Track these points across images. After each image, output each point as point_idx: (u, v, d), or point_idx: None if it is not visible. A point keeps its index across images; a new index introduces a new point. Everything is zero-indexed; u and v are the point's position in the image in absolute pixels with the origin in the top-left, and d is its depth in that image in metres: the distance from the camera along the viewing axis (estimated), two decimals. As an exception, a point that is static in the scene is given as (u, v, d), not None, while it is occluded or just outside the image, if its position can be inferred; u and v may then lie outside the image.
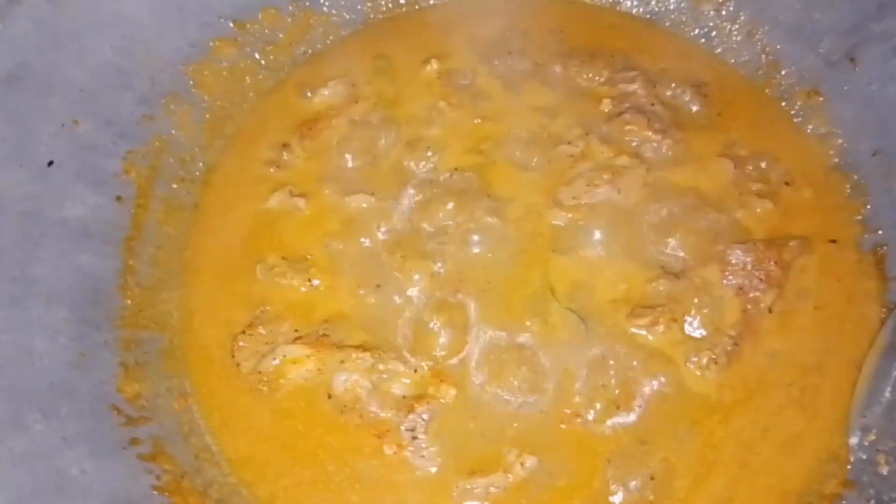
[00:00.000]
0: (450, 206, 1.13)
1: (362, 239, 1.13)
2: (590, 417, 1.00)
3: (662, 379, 1.02)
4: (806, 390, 1.02)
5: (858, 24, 1.17)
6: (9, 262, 0.97)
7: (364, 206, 1.16)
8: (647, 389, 1.01)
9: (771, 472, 0.97)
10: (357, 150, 1.21)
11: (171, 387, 1.04)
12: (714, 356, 1.03)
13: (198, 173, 1.21)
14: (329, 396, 1.03)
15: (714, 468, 0.97)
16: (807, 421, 1.00)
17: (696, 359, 1.03)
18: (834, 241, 1.13)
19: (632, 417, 1.00)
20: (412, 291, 1.08)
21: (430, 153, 1.19)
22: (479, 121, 1.20)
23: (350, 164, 1.20)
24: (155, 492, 0.92)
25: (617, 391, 1.01)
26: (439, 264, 1.09)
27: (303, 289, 1.10)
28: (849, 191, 1.17)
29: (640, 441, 0.99)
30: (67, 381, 0.95)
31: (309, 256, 1.12)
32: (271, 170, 1.21)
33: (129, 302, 1.07)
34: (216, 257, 1.16)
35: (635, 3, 1.34)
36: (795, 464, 0.97)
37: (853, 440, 0.98)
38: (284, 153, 1.22)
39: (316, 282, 1.10)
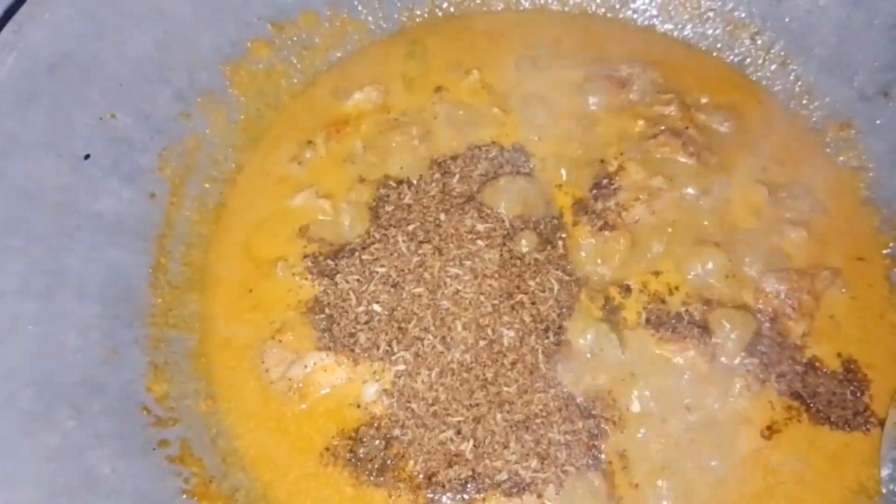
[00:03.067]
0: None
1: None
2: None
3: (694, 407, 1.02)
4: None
5: (894, 60, 1.18)
6: (43, 253, 0.95)
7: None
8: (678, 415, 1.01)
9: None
10: (383, 155, 1.20)
11: (199, 388, 1.03)
12: (747, 384, 1.02)
13: (229, 173, 1.20)
14: (358, 406, 1.02)
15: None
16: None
17: (728, 386, 1.02)
18: (861, 259, 1.14)
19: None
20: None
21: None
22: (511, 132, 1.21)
23: (376, 168, 1.19)
24: (184, 495, 0.90)
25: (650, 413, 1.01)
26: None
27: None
28: (878, 224, 1.18)
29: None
30: (98, 378, 0.94)
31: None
32: (294, 167, 1.20)
33: (159, 300, 1.05)
34: (243, 258, 1.14)
35: (672, 27, 1.35)
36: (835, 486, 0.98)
37: (884, 472, 0.98)
38: (308, 151, 1.21)
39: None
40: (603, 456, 0.98)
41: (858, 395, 1.03)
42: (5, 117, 0.95)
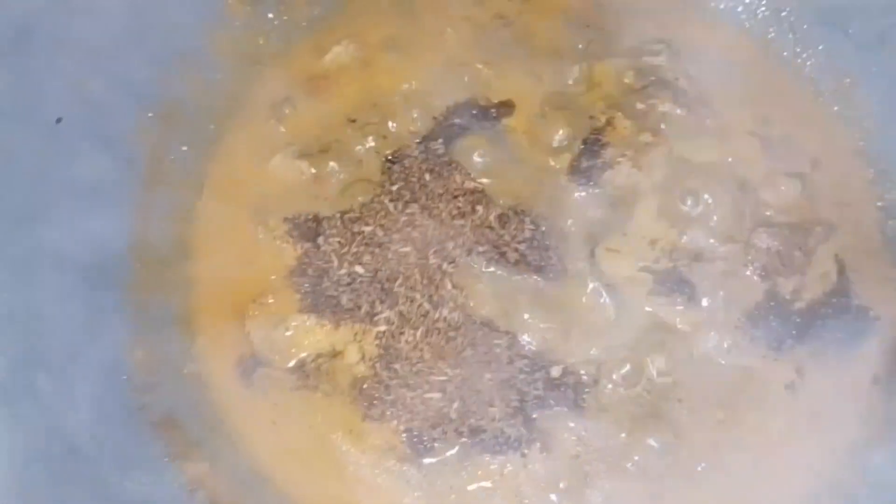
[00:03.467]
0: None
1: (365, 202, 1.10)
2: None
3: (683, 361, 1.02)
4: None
5: (890, 5, 1.15)
6: (19, 223, 0.94)
7: (369, 170, 1.13)
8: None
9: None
10: (363, 114, 1.18)
11: (181, 353, 1.02)
12: (735, 340, 1.01)
13: (208, 137, 1.18)
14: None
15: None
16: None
17: (717, 342, 1.02)
18: (854, 212, 1.13)
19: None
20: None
21: (439, 115, 1.17)
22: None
23: (357, 126, 1.17)
24: (166, 459, 0.91)
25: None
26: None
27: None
28: (872, 176, 1.15)
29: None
30: (77, 346, 0.93)
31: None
32: (274, 126, 1.18)
33: (138, 267, 1.04)
34: (224, 223, 1.12)
35: (662, -25, 1.31)
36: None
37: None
38: (286, 108, 1.18)
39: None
40: (587, 410, 0.98)
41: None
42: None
